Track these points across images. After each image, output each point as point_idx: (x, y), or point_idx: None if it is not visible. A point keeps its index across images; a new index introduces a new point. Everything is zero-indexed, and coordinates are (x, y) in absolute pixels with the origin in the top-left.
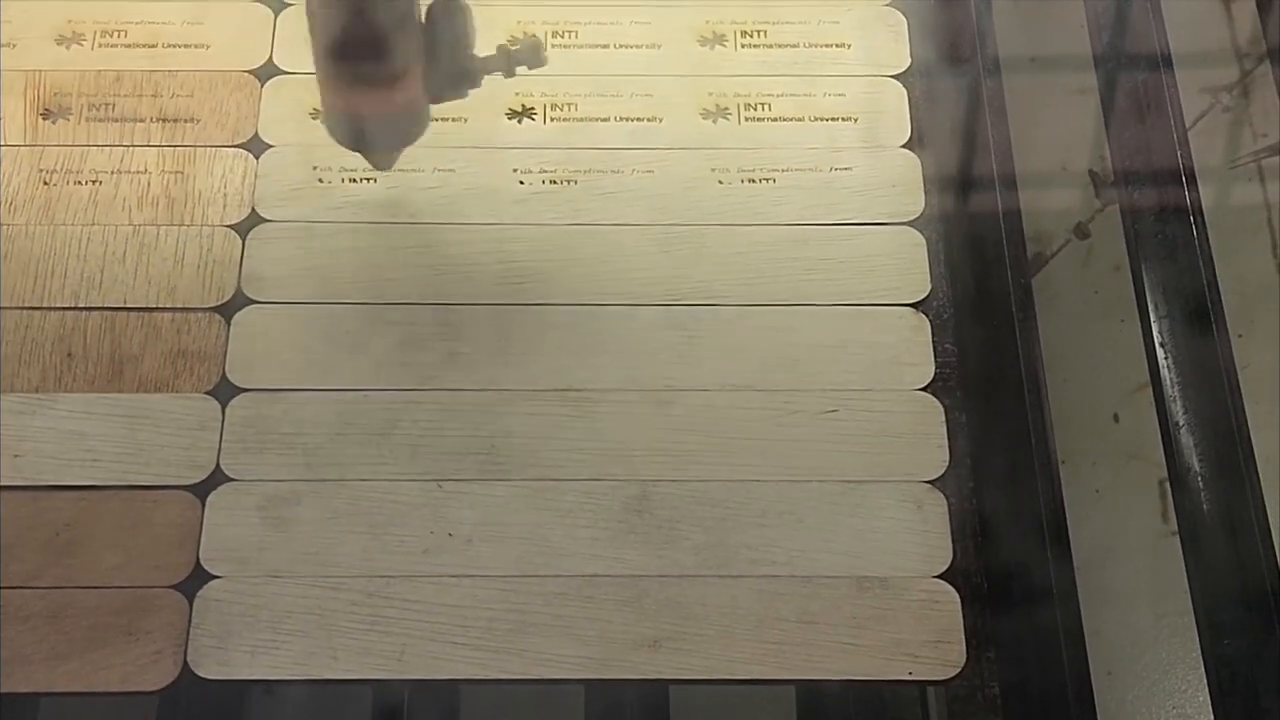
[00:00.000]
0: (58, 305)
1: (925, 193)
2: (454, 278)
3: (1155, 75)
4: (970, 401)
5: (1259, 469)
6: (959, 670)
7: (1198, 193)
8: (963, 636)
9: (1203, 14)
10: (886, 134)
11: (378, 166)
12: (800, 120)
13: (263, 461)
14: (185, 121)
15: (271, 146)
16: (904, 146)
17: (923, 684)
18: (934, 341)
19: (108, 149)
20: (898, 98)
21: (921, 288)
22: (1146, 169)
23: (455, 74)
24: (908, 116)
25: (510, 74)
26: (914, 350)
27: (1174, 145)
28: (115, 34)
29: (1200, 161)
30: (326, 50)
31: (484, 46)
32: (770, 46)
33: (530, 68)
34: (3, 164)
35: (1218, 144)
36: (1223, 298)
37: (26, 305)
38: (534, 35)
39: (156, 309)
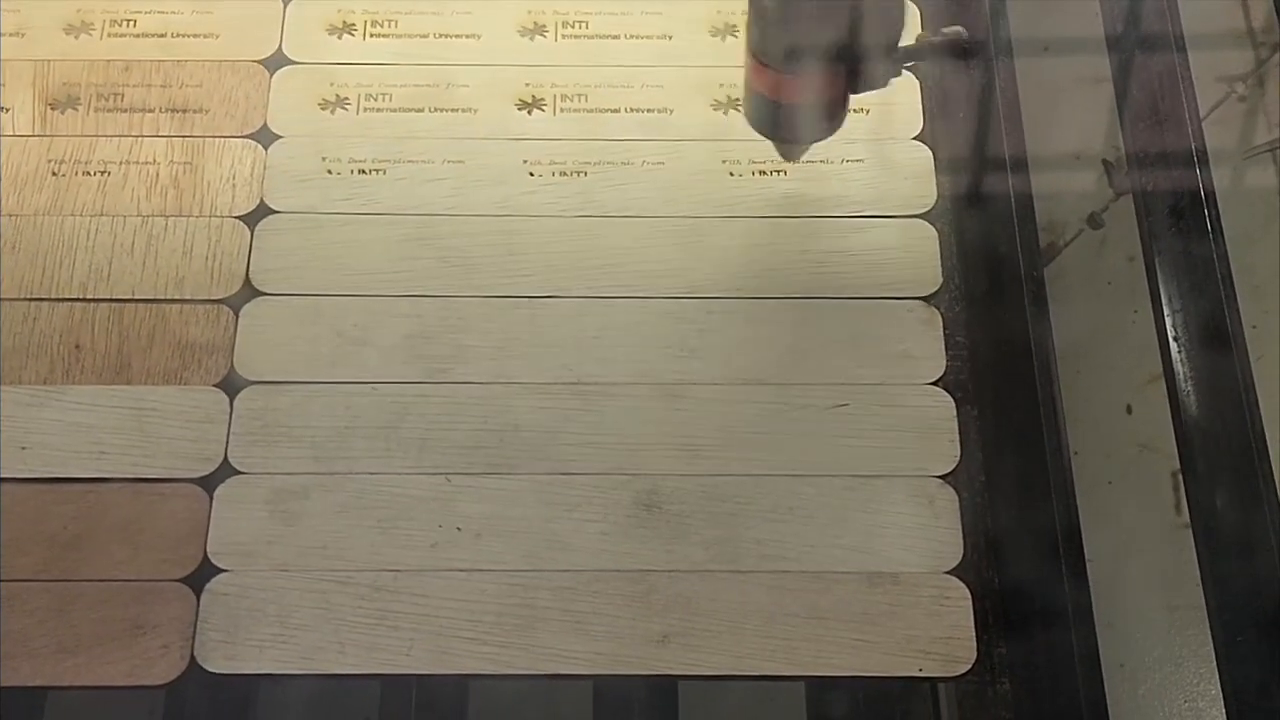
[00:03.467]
0: (65, 297)
1: (937, 185)
2: (463, 270)
3: (1170, 64)
4: (982, 395)
5: (1272, 461)
6: (970, 666)
7: (1212, 183)
8: (973, 632)
9: (1218, 2)
10: (898, 126)
11: (788, 157)
12: None
13: (271, 454)
14: (194, 112)
15: (280, 137)
16: (916, 138)
17: (933, 680)
18: (946, 335)
19: (116, 139)
20: (909, 89)
21: (933, 281)
22: (1161, 159)
23: (881, 64)
24: (919, 108)
25: (900, 67)
26: (925, 344)
27: (1189, 135)
28: (124, 23)
29: (1215, 150)
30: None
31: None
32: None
33: (955, 58)
34: (12, 155)
35: (1232, 133)
36: (1236, 289)
37: (34, 297)
38: (956, 28)
39: (164, 300)
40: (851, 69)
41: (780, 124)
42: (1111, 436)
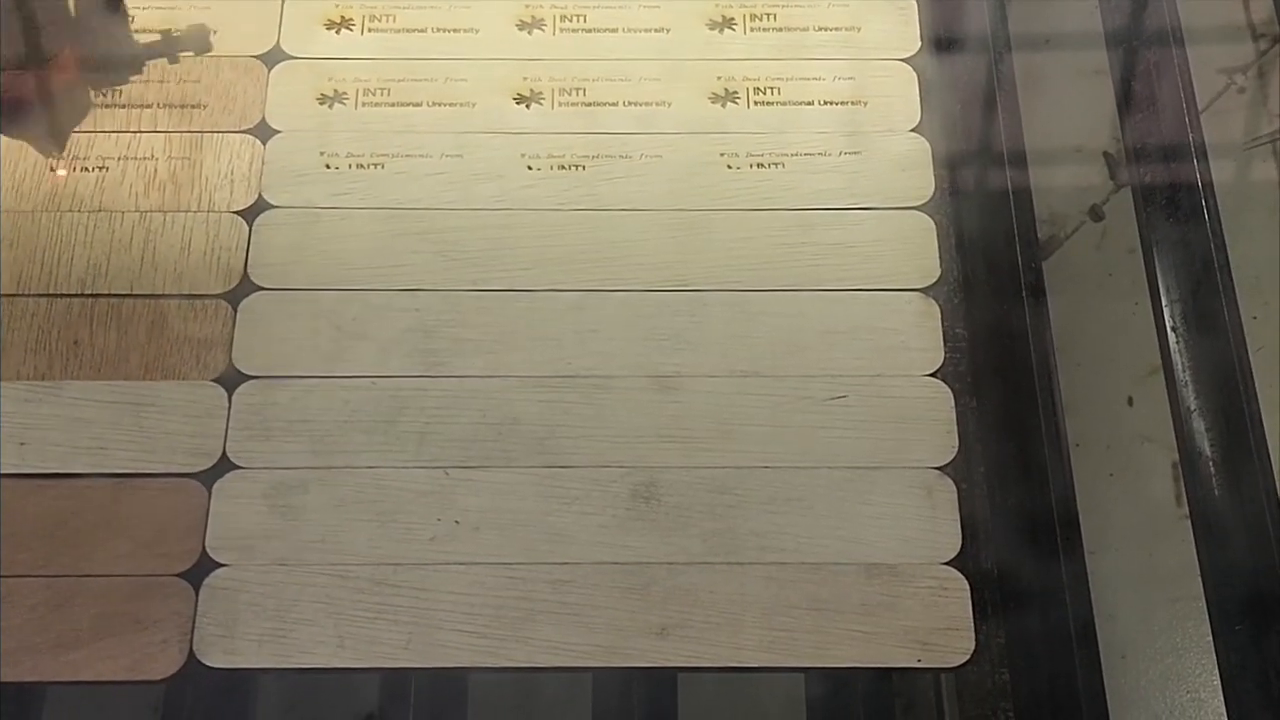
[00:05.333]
0: (65, 292)
1: (935, 177)
2: (461, 263)
3: (1168, 56)
4: (980, 387)
5: (1270, 453)
6: (968, 657)
7: (1210, 175)
8: (972, 623)
9: None
10: (896, 118)
11: (45, 152)
12: (809, 104)
13: (269, 449)
14: (192, 107)
15: (278, 132)
16: (914, 130)
17: (931, 671)
18: (944, 326)
19: (115, 135)
20: (907, 81)
21: (931, 272)
22: (1159, 151)
23: (114, 58)
24: (917, 100)
25: (175, 59)
26: (923, 335)
27: (1186, 127)
28: None
29: (1215, 142)
30: None
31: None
32: (779, 30)
33: (196, 53)
34: (11, 151)
35: (1233, 125)
36: (1236, 280)
37: (34, 292)
38: (200, 22)
39: (163, 296)
40: (88, 62)
41: (24, 122)
42: (1112, 428)
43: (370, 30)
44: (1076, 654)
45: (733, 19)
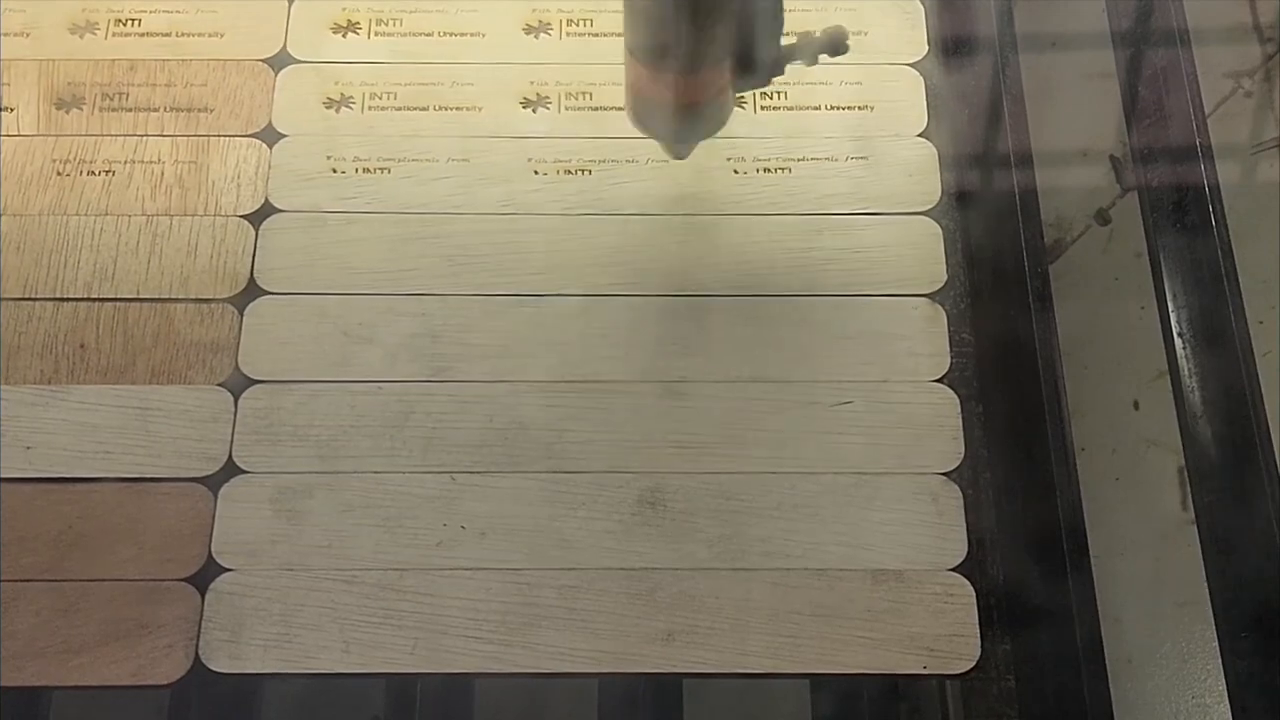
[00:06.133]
0: (71, 296)
1: (942, 182)
2: (468, 268)
3: (1175, 59)
4: (987, 392)
5: (1277, 458)
6: (974, 664)
7: (1217, 179)
8: (978, 630)
9: None
10: (903, 123)
11: (676, 156)
12: (816, 109)
13: (275, 454)
14: (199, 111)
15: (285, 136)
16: (920, 135)
17: (937, 678)
18: (950, 331)
19: (121, 139)
20: (914, 86)
21: (938, 278)
22: (1166, 155)
23: (762, 62)
24: (924, 105)
25: (813, 62)
26: (930, 341)
27: (1193, 131)
28: (129, 23)
29: (1222, 146)
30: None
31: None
32: (786, 34)
33: (832, 55)
34: (16, 154)
35: (1240, 128)
36: (1243, 284)
37: (39, 296)
38: (838, 25)
39: (169, 300)
40: (739, 66)
41: (674, 125)
42: (1118, 432)
43: (377, 34)
44: (1082, 660)
45: None
